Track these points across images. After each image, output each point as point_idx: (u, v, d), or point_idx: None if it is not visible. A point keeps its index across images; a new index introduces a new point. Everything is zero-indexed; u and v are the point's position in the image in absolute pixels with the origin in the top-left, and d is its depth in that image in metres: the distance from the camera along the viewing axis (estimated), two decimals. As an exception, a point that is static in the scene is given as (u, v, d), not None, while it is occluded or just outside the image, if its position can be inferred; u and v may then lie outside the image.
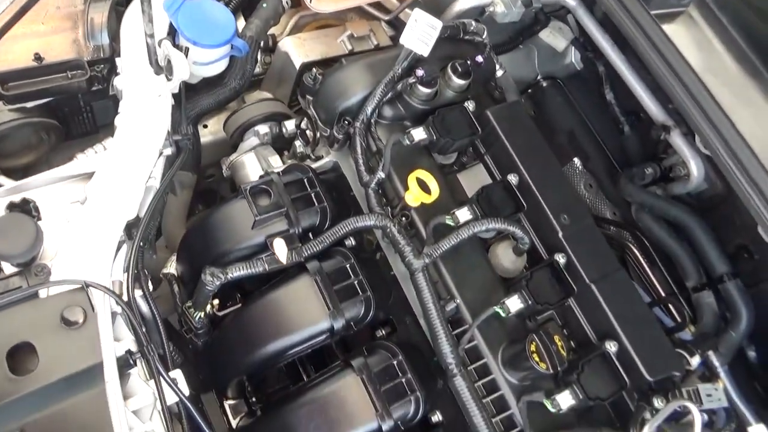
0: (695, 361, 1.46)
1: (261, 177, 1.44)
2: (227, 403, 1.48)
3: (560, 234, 1.48)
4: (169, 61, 1.47)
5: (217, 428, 1.42)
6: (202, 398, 1.48)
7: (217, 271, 1.31)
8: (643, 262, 1.93)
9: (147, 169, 1.39)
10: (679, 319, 1.72)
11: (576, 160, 2.12)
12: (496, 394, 1.37)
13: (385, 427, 1.27)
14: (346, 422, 1.27)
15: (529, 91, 2.21)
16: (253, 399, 1.49)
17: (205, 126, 1.94)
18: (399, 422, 1.30)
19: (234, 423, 1.47)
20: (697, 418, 1.30)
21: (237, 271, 1.32)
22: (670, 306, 1.82)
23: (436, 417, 1.41)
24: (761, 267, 1.76)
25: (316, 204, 1.44)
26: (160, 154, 1.40)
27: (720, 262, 1.73)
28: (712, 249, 1.76)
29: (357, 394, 1.28)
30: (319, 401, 1.29)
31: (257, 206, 1.37)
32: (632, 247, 1.98)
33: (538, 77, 2.19)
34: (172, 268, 1.51)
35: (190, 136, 1.51)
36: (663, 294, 1.81)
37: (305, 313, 1.34)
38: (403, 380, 1.32)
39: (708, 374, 1.52)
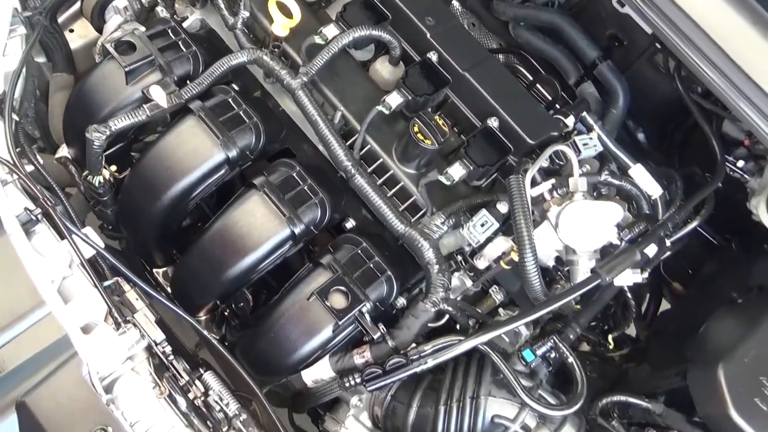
0: (570, 120, 1.58)
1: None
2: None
3: (428, 35, 1.55)
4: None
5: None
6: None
7: (100, 126, 1.33)
8: (530, 77, 2.05)
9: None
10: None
11: (455, 2, 2.18)
12: (397, 187, 1.46)
13: (297, 230, 1.34)
14: (259, 236, 1.34)
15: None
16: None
17: (72, 30, 1.90)
18: (310, 226, 1.38)
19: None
20: (573, 158, 1.43)
21: (119, 122, 1.34)
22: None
23: (350, 223, 1.50)
24: (631, 50, 1.90)
25: (185, 50, 1.46)
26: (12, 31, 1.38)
27: (590, 49, 1.86)
28: (582, 40, 1.87)
29: (263, 207, 1.34)
30: (230, 226, 1.35)
31: (125, 59, 1.38)
32: (520, 68, 2.09)
33: None
34: (64, 152, 1.52)
35: (41, 10, 1.49)
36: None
37: (197, 151, 1.37)
38: (305, 187, 1.38)
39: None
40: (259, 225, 1.33)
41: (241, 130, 1.40)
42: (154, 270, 1.62)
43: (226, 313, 1.54)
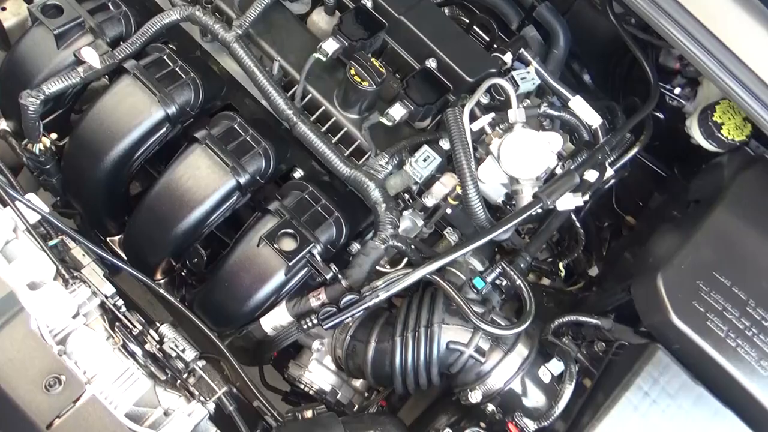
0: (508, 57, 1.61)
1: (49, -2, 1.42)
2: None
3: (362, -18, 1.56)
4: None
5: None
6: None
7: (33, 91, 1.32)
8: (478, 29, 2.07)
9: None
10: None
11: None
12: (341, 132, 1.48)
13: (242, 180, 1.35)
14: (205, 188, 1.34)
15: None
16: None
17: (4, 9, 1.86)
18: (256, 176, 1.39)
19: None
20: (511, 91, 1.46)
21: (53, 86, 1.33)
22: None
23: (298, 173, 1.52)
24: (569, -10, 1.93)
25: (115, 11, 1.45)
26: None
27: (528, -8, 1.88)
28: (520, -17, 1.90)
29: (207, 160, 1.35)
30: (175, 181, 1.35)
31: (53, 23, 1.36)
32: (464, 20, 2.11)
33: None
34: (2, 125, 1.50)
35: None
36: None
37: (136, 110, 1.37)
38: (247, 138, 1.39)
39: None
40: (204, 177, 1.34)
41: (179, 86, 1.39)
42: (109, 239, 1.62)
43: (183, 274, 1.55)
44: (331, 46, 1.44)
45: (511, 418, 1.26)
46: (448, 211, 1.55)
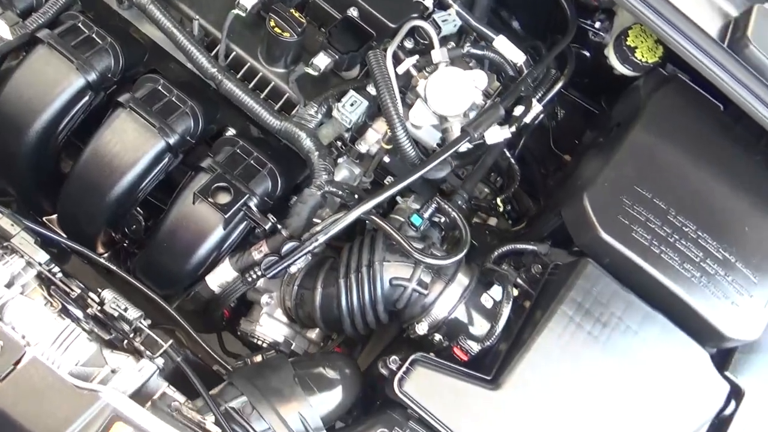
0: (429, 2, 1.63)
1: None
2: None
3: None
4: None
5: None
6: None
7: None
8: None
9: None
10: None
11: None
12: (269, 87, 1.49)
13: (171, 141, 1.35)
14: (134, 151, 1.33)
15: None
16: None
17: None
18: (185, 136, 1.39)
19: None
20: (433, 33, 1.49)
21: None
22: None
23: (230, 132, 1.52)
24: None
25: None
26: None
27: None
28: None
29: (132, 123, 1.34)
30: (102, 147, 1.33)
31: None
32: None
33: None
34: None
35: None
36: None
37: (54, 79, 1.34)
38: (173, 98, 1.39)
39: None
40: (132, 141, 1.33)
41: (97, 52, 1.37)
42: (47, 220, 1.60)
43: (126, 245, 1.54)
44: (248, 1, 1.44)
45: (456, 342, 1.31)
46: (386, 159, 1.58)
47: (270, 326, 1.47)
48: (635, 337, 1.30)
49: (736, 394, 1.37)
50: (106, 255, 1.52)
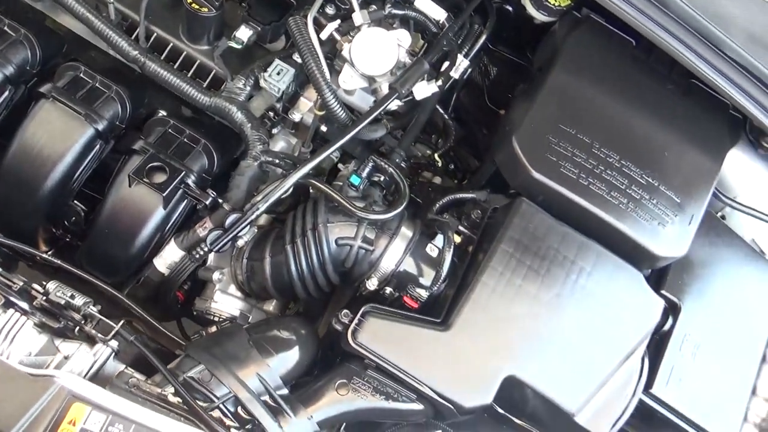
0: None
1: None
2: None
3: None
4: None
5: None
6: None
7: None
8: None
9: None
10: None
11: None
12: (195, 66, 1.49)
13: (100, 127, 1.34)
14: (63, 141, 1.32)
15: None
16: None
17: None
18: (114, 121, 1.38)
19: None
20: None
21: None
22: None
23: (160, 114, 1.51)
24: None
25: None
26: None
27: None
28: None
29: (57, 112, 1.32)
30: (28, 141, 1.32)
31: None
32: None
33: None
34: None
35: None
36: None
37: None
38: (96, 84, 1.37)
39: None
40: (59, 131, 1.32)
41: (11, 44, 1.35)
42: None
43: (68, 240, 1.52)
44: (164, -22, 1.44)
45: (406, 292, 1.36)
46: (324, 128, 1.60)
47: (225, 302, 1.48)
48: (573, 266, 1.37)
49: (672, 309, 1.47)
50: (50, 253, 1.50)
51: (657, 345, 1.43)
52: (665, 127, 1.51)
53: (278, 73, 1.43)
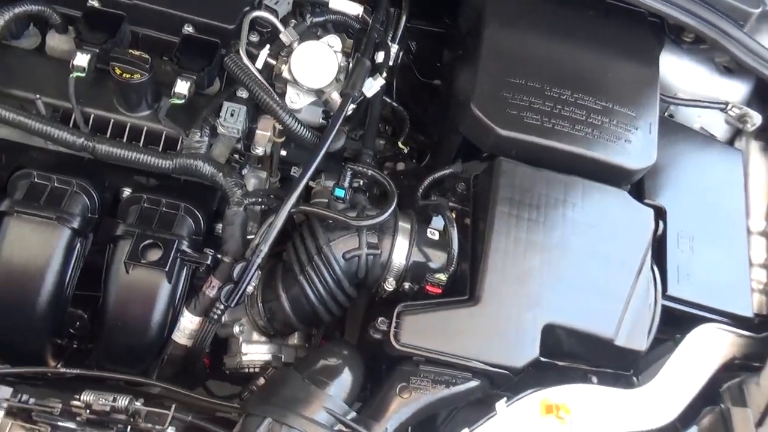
0: (255, -9, 1.63)
1: None
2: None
3: (76, -14, 1.48)
4: None
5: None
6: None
7: None
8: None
9: None
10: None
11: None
12: (144, 134, 1.44)
13: (75, 225, 1.29)
14: (43, 253, 1.26)
15: None
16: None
17: None
18: (86, 214, 1.33)
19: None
20: (272, 18, 1.50)
21: None
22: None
23: (126, 193, 1.45)
24: None
25: None
26: None
27: None
28: None
29: (27, 226, 1.26)
30: (6, 263, 1.25)
31: None
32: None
33: None
34: None
35: None
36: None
37: None
38: (55, 183, 1.31)
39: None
40: (36, 243, 1.26)
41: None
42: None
43: (75, 347, 1.47)
44: (81, 60, 1.38)
45: (425, 282, 1.39)
46: (283, 153, 1.60)
47: (253, 351, 1.47)
48: (565, 204, 1.44)
49: (659, 214, 1.57)
50: (60, 365, 1.44)
51: (657, 251, 1.53)
52: (600, 51, 1.59)
53: (232, 115, 1.41)
